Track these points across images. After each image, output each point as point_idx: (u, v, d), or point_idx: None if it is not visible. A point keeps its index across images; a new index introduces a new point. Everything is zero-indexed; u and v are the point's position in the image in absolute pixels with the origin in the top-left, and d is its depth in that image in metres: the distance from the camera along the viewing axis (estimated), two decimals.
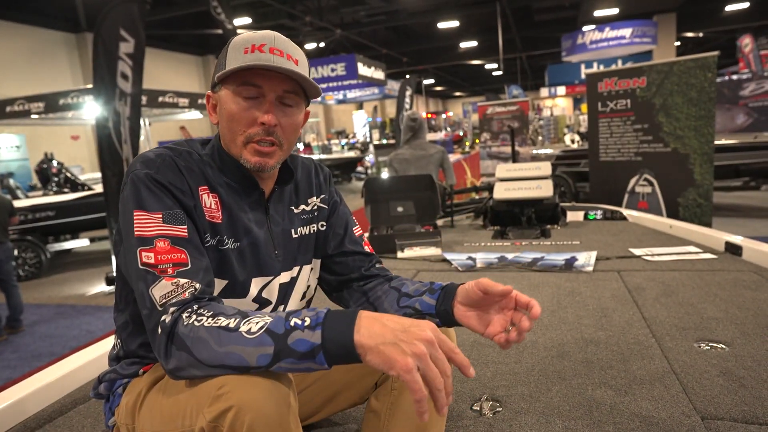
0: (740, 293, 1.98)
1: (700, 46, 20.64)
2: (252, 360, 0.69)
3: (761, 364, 1.39)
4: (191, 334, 0.73)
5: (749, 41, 12.46)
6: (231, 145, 0.91)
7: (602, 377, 1.41)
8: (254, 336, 0.70)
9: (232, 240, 0.91)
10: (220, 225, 0.90)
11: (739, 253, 2.50)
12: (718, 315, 1.78)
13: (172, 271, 0.79)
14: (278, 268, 0.98)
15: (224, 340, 0.70)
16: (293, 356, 0.68)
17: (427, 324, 0.69)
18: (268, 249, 0.96)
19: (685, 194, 4.25)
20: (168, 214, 0.83)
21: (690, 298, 1.97)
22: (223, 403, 0.69)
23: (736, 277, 2.17)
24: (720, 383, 1.31)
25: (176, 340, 0.74)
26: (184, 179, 0.87)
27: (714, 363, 1.43)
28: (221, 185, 0.92)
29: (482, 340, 1.73)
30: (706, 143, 4.11)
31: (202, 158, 0.93)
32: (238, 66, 0.85)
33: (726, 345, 1.54)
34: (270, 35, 0.89)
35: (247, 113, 0.88)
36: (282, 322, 0.70)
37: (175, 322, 0.75)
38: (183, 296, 0.78)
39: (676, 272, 2.32)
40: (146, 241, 0.80)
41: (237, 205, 0.93)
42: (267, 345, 0.69)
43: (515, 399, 1.33)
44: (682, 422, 1.16)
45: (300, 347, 0.68)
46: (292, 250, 1.01)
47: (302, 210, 1.05)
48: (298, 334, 0.69)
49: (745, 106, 8.92)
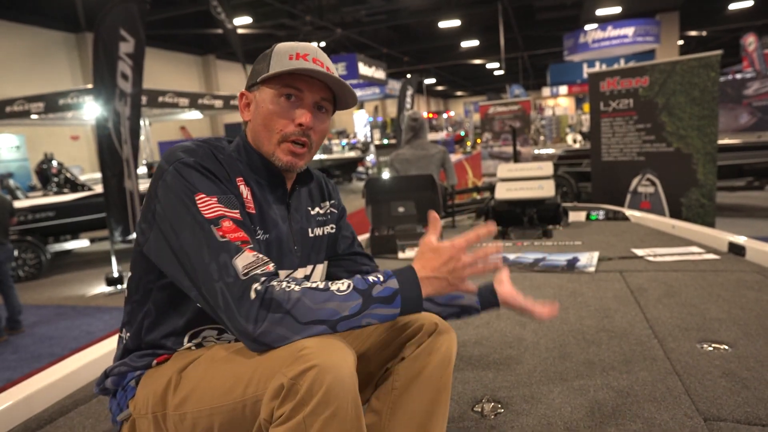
0: (743, 294, 1.96)
1: (704, 45, 20.59)
2: (345, 311, 0.79)
3: (764, 365, 1.38)
4: (286, 297, 0.78)
5: (753, 40, 12.42)
6: (265, 142, 0.97)
7: (604, 378, 1.40)
8: (344, 293, 0.81)
9: (262, 232, 0.96)
10: (254, 216, 0.95)
11: (743, 253, 2.48)
12: (720, 316, 1.76)
13: (244, 246, 0.83)
14: (296, 263, 1.03)
15: (319, 298, 0.79)
16: (378, 302, 0.81)
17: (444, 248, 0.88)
18: (289, 244, 1.01)
19: (687, 194, 4.23)
20: (223, 198, 0.87)
21: (693, 298, 1.96)
22: (304, 362, 0.73)
23: (739, 278, 2.16)
24: (723, 384, 1.30)
25: (271, 303, 0.78)
26: (224, 169, 0.92)
27: (717, 364, 1.41)
28: (252, 179, 0.98)
29: (483, 341, 1.72)
30: (709, 143, 4.09)
31: (230, 154, 0.97)
32: (287, 69, 0.92)
33: (729, 346, 1.52)
34: (312, 47, 0.98)
35: (286, 113, 0.95)
36: (363, 281, 0.83)
37: (267, 290, 0.79)
38: (267, 268, 0.83)
39: (679, 273, 2.30)
40: (214, 221, 0.84)
41: (264, 199, 0.98)
42: (355, 298, 0.81)
43: (517, 400, 1.32)
44: (684, 423, 1.15)
45: (383, 294, 0.82)
46: (308, 248, 1.07)
47: (317, 212, 1.12)
48: (378, 287, 0.83)
49: (749, 105, 8.88)
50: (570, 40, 14.82)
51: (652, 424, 1.16)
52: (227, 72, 18.83)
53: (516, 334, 1.76)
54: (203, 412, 0.82)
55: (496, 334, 1.77)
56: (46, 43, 12.57)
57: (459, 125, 26.86)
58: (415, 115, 4.00)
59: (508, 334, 1.76)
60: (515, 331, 1.78)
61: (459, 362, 1.57)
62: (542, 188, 3.49)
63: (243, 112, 1.01)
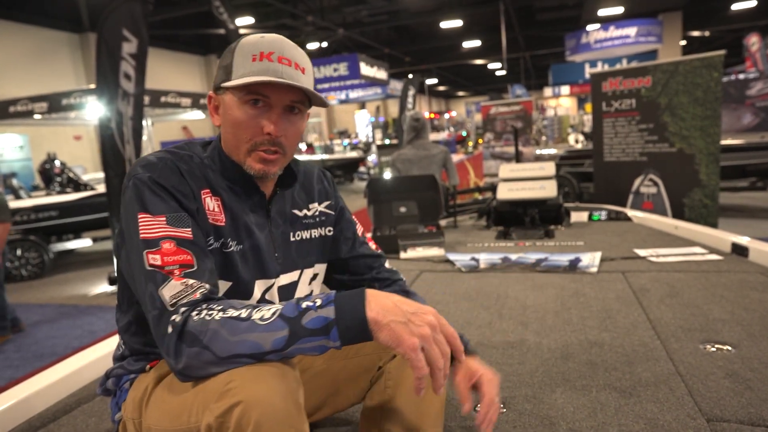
0: (747, 294, 1.95)
1: (707, 45, 20.54)
2: (267, 344, 0.71)
3: (767, 366, 1.38)
4: (203, 327, 0.73)
5: (756, 40, 12.38)
6: (234, 150, 0.92)
7: (606, 379, 1.39)
8: (267, 322, 0.72)
9: (235, 242, 0.92)
10: (224, 227, 0.91)
11: (746, 254, 2.48)
12: (724, 316, 1.76)
13: (179, 272, 0.79)
14: (278, 270, 0.99)
15: (237, 329, 0.72)
16: (308, 334, 0.71)
17: (431, 309, 0.76)
18: (269, 251, 0.97)
19: (690, 195, 4.22)
20: (172, 217, 0.83)
21: (695, 299, 1.95)
22: (230, 398, 0.69)
23: (742, 279, 2.15)
24: (726, 385, 1.30)
25: (187, 337, 0.74)
26: (186, 183, 0.88)
27: (720, 365, 1.41)
28: (223, 188, 0.93)
29: (485, 341, 1.72)
30: (712, 143, 4.08)
31: (203, 161, 0.93)
32: (247, 80, 0.85)
33: (732, 347, 1.52)
34: (278, 42, 0.90)
35: (253, 122, 0.89)
36: (294, 307, 0.73)
37: (185, 321, 0.75)
38: (194, 296, 0.78)
39: (682, 273, 2.30)
40: (152, 243, 0.80)
41: (239, 207, 0.94)
42: (281, 329, 0.71)
43: (519, 401, 1.32)
44: (687, 424, 1.15)
45: (314, 324, 0.71)
46: (291, 253, 1.02)
47: (304, 214, 1.06)
48: (311, 314, 0.72)
49: (752, 105, 8.86)
50: (572, 40, 14.80)
51: (655, 425, 1.16)
52: None
53: (518, 334, 1.76)
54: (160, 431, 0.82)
55: (499, 335, 1.76)
56: (49, 43, 12.60)
57: (461, 125, 26.85)
58: (417, 116, 4.00)
59: (510, 334, 1.76)
60: (517, 331, 1.78)
61: None
62: (544, 188, 3.48)
63: (213, 116, 0.96)
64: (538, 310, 1.98)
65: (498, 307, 2.04)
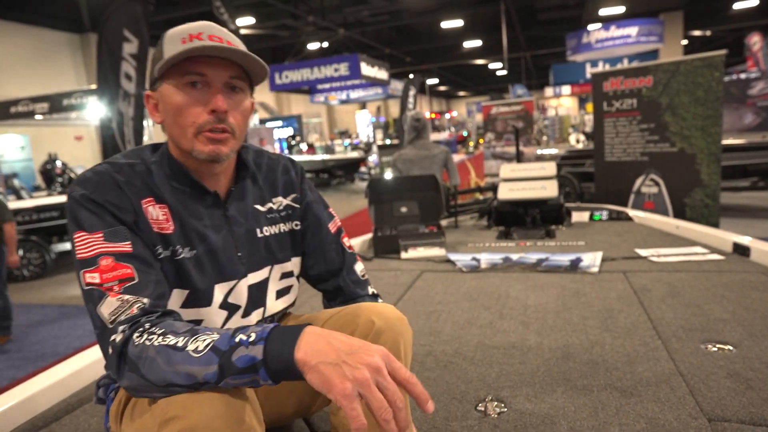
0: (748, 294, 1.95)
1: (708, 44, 20.52)
2: (199, 377, 0.69)
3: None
4: (141, 354, 0.72)
5: (758, 39, 12.36)
6: (181, 139, 0.88)
7: (608, 379, 1.39)
8: (200, 355, 0.69)
9: (187, 249, 0.89)
10: (172, 235, 0.88)
11: (747, 254, 2.47)
12: (725, 316, 1.76)
13: (118, 287, 0.78)
14: (242, 270, 0.96)
15: (172, 359, 0.70)
16: (236, 372, 0.68)
17: (378, 349, 0.67)
18: (229, 252, 0.94)
19: (691, 194, 4.22)
20: (109, 232, 0.81)
21: (697, 299, 1.95)
22: (171, 427, 0.67)
23: (743, 278, 2.15)
24: (727, 385, 1.29)
25: (127, 360, 0.73)
26: (124, 195, 0.85)
27: (721, 364, 1.41)
28: (170, 193, 0.90)
29: (486, 341, 1.72)
30: (713, 143, 4.07)
31: (149, 168, 0.90)
32: (179, 52, 0.81)
33: (733, 346, 1.52)
34: (206, 24, 0.88)
35: (195, 102, 0.85)
36: (227, 339, 0.70)
37: (125, 342, 0.74)
38: (131, 312, 0.77)
39: (683, 273, 2.30)
40: (89, 261, 0.79)
41: (190, 212, 0.91)
42: (212, 363, 0.68)
43: (520, 400, 1.32)
44: (688, 424, 1.15)
45: (242, 363, 0.67)
46: (259, 250, 0.99)
47: (269, 209, 1.02)
48: (242, 350, 0.68)
49: (754, 105, 8.85)
50: (573, 40, 14.79)
51: (656, 425, 1.16)
52: None
53: (519, 334, 1.76)
54: None
55: (500, 335, 1.76)
56: (50, 44, 12.61)
57: (461, 125, 26.85)
58: (418, 116, 4.00)
59: (511, 334, 1.76)
60: (518, 331, 1.78)
61: (462, 362, 1.57)
62: (545, 188, 3.48)
63: (153, 115, 0.91)
64: (539, 310, 1.98)
65: (499, 307, 2.04)
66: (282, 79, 12.10)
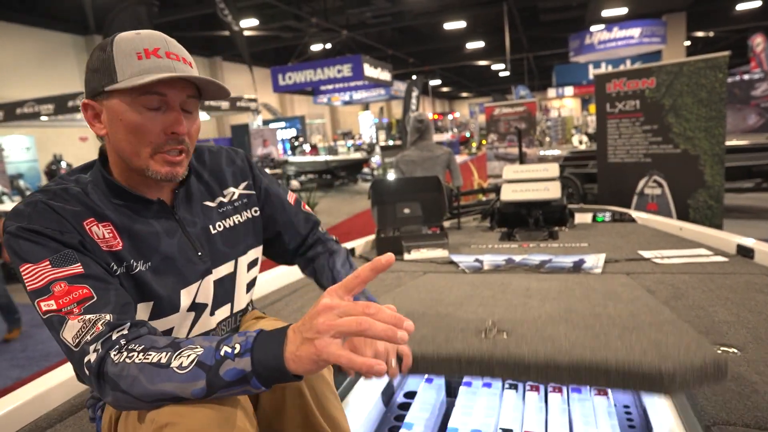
0: (752, 297, 1.95)
1: (711, 45, 20.48)
2: (187, 394, 0.69)
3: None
4: (122, 372, 0.71)
5: (761, 40, 12.33)
6: (133, 157, 0.86)
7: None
8: (185, 371, 0.68)
9: (141, 262, 0.87)
10: (122, 251, 0.86)
11: (751, 255, 2.46)
12: (729, 319, 1.75)
13: (78, 309, 0.76)
14: (203, 269, 0.95)
15: (156, 377, 0.69)
16: (226, 386, 0.68)
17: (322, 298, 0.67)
18: (187, 255, 0.93)
19: (695, 196, 4.21)
20: (55, 258, 0.79)
21: (701, 301, 1.94)
22: None
23: (748, 280, 2.14)
24: (732, 388, 1.29)
25: (108, 379, 0.72)
26: (63, 220, 0.82)
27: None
28: (112, 210, 0.87)
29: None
30: (717, 144, 4.07)
31: (84, 189, 0.87)
32: (146, 80, 0.79)
33: (738, 349, 1.51)
34: (158, 37, 0.85)
35: (153, 123, 0.84)
36: (212, 353, 0.69)
37: (102, 362, 0.73)
38: (96, 330, 0.75)
39: (686, 275, 2.29)
40: (41, 291, 0.77)
41: (137, 224, 0.89)
42: (199, 379, 0.68)
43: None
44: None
45: (231, 376, 0.67)
46: (218, 246, 0.98)
47: (219, 203, 1.01)
48: (228, 363, 0.67)
49: (757, 106, 8.82)
50: (575, 41, 14.79)
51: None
52: (234, 73, 18.91)
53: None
54: None
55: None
56: (55, 46, 12.68)
57: (464, 126, 26.85)
58: (421, 117, 4.00)
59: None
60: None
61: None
62: (548, 190, 3.48)
63: (93, 126, 0.88)
64: (541, 301, 1.97)
65: (501, 304, 2.04)
66: (285, 80, 12.13)
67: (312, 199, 8.33)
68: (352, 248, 3.10)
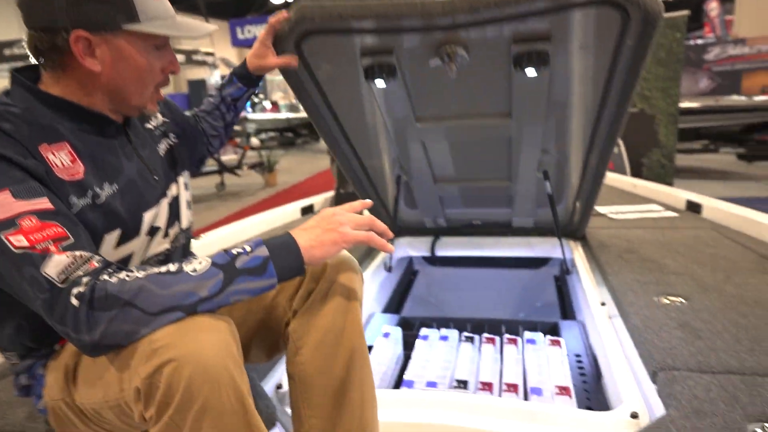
0: (700, 250, 2.02)
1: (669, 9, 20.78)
2: (203, 291, 0.69)
3: (716, 317, 1.42)
4: (124, 287, 0.67)
5: (716, 6, 12.57)
6: (135, 96, 0.86)
7: None
8: (200, 272, 0.71)
9: (106, 184, 0.83)
10: (84, 179, 0.79)
11: (699, 211, 2.55)
12: (678, 270, 1.81)
13: (55, 246, 0.69)
14: (160, 192, 0.95)
15: (169, 282, 0.69)
16: (244, 274, 0.72)
17: (324, 209, 0.85)
18: (145, 177, 0.92)
19: (649, 155, 4.32)
20: (18, 189, 0.69)
21: (652, 254, 2.00)
22: (158, 358, 0.65)
23: (696, 234, 2.22)
24: (678, 335, 1.33)
25: (101, 303, 0.66)
26: (18, 144, 0.73)
27: (673, 316, 1.45)
28: (69, 131, 0.81)
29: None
30: (672, 104, 4.15)
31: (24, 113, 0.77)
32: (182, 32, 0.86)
33: (685, 299, 1.57)
34: None
35: (158, 64, 0.87)
36: (224, 255, 0.73)
37: (93, 288, 0.67)
38: (91, 266, 0.70)
39: (640, 230, 2.35)
40: (6, 224, 0.68)
41: (97, 147, 0.85)
42: (216, 275, 0.71)
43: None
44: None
45: (250, 264, 0.72)
46: (165, 167, 1.00)
47: (155, 126, 1.04)
48: (243, 257, 0.73)
49: (709, 70, 9.07)
50: None
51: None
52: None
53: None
54: (96, 405, 0.77)
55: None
56: None
57: None
58: None
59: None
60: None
61: None
62: None
63: (85, 59, 0.79)
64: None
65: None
66: (244, 33, 11.59)
67: (273, 157, 8.11)
68: (311, 204, 3.03)
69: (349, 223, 0.81)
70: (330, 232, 0.80)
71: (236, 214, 5.89)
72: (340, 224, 0.81)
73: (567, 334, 1.71)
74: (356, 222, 0.83)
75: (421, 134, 1.65)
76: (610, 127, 1.50)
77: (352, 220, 0.82)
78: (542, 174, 1.80)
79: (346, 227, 0.81)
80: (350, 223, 0.82)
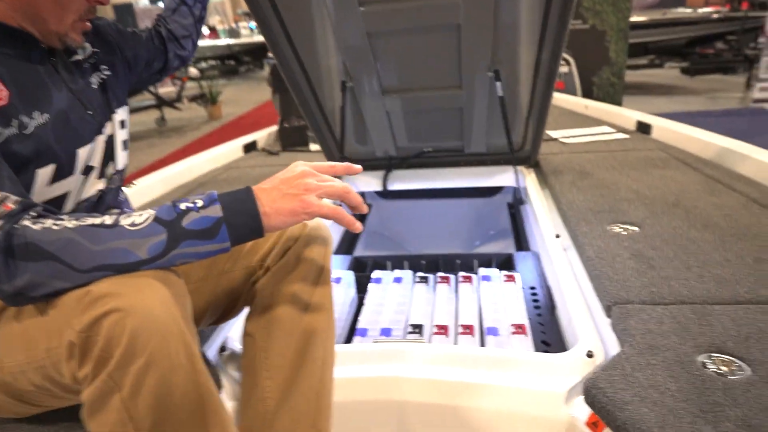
0: (650, 172, 2.01)
1: None
2: (142, 252, 0.61)
3: (668, 243, 1.42)
4: (50, 238, 0.59)
5: None
6: (54, 21, 0.77)
7: None
8: (140, 227, 0.62)
9: (36, 113, 0.75)
10: (9, 106, 0.71)
11: (649, 131, 2.54)
12: (629, 196, 1.79)
13: None
14: (95, 127, 0.88)
15: (103, 236, 0.60)
16: (191, 237, 0.62)
17: (294, 164, 0.74)
18: (78, 112, 0.84)
19: (599, 73, 4.27)
20: None
21: (604, 179, 1.98)
22: (98, 308, 0.57)
23: (646, 156, 2.21)
24: (631, 266, 1.32)
25: (26, 250, 0.59)
26: None
27: (626, 245, 1.43)
28: None
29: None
30: (623, 19, 4.06)
31: None
32: None
33: (637, 226, 1.55)
34: None
35: None
36: (170, 209, 0.64)
37: (10, 234, 0.60)
38: (5, 208, 0.62)
39: (591, 154, 2.32)
40: None
41: (24, 73, 0.77)
42: (158, 233, 0.61)
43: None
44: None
45: (199, 225, 0.63)
46: (99, 102, 0.91)
47: (84, 58, 0.93)
48: (192, 215, 0.63)
49: None
50: None
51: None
52: None
53: None
54: (15, 369, 0.68)
55: None
56: None
57: None
58: None
59: None
60: None
61: None
62: None
63: None
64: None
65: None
66: None
67: (215, 87, 7.58)
68: (254, 141, 2.83)
69: (316, 190, 0.70)
70: (290, 199, 0.68)
71: (180, 152, 5.55)
72: (306, 190, 0.69)
73: (522, 267, 1.69)
74: (326, 190, 0.71)
75: (365, 21, 1.52)
76: (559, 19, 1.41)
77: (320, 188, 0.70)
78: (493, 73, 1.70)
79: (311, 195, 0.69)
80: (318, 190, 0.70)
